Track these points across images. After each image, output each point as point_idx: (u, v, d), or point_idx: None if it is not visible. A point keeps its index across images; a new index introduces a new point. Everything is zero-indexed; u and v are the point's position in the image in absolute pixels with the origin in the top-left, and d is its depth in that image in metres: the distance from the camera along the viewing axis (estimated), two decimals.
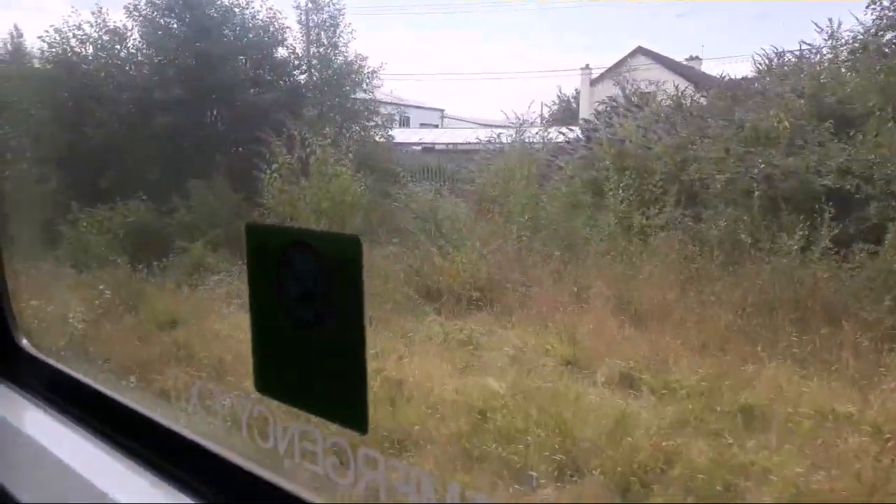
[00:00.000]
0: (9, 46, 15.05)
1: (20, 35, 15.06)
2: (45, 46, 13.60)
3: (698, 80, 13.21)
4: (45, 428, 1.77)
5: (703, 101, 11.03)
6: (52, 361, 1.99)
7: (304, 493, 1.25)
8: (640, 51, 17.83)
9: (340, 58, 14.78)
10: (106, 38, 13.98)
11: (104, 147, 13.08)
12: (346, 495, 1.32)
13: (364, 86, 14.72)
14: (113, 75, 13.96)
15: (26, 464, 1.74)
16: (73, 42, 13.67)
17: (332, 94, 14.73)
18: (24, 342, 2.08)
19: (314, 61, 14.85)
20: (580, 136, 12.20)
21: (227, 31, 14.07)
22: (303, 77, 14.96)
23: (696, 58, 17.31)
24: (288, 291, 1.11)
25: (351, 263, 1.06)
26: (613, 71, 18.53)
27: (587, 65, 20.91)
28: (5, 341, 2.06)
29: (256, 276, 1.17)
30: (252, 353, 1.24)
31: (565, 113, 24.24)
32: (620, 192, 9.01)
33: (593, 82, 20.49)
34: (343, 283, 1.05)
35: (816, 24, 9.32)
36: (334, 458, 1.30)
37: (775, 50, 10.60)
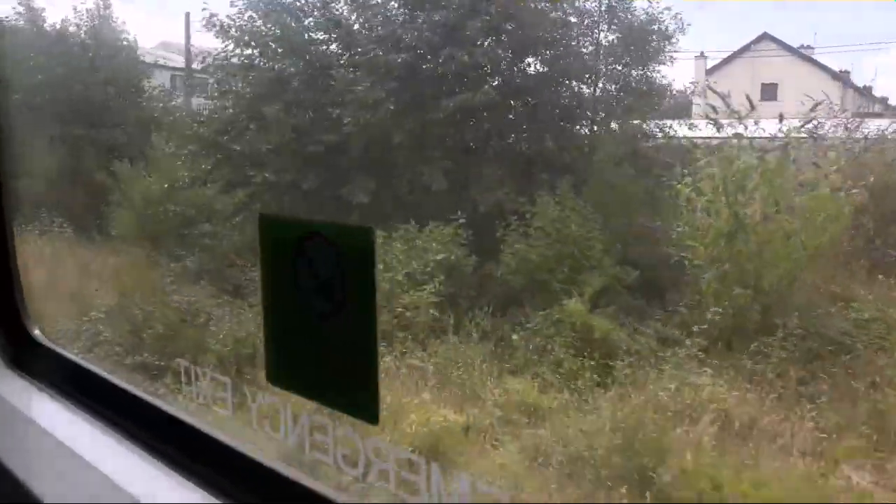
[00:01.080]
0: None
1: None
2: None
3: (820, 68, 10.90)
4: (57, 418, 1.79)
5: None
6: (64, 352, 2.01)
7: (330, 493, 1.25)
8: (766, 37, 15.50)
9: (632, 15, 9.69)
10: None
11: (352, 138, 8.42)
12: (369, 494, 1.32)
13: (658, 55, 9.68)
14: (375, 36, 8.85)
15: (39, 454, 1.76)
16: None
17: (620, 63, 9.78)
18: (37, 332, 2.10)
19: (586, 20, 10.01)
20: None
21: None
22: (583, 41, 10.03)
23: (809, 46, 14.76)
24: (301, 283, 1.12)
25: (364, 255, 1.07)
26: (737, 58, 16.50)
27: (702, 52, 18.02)
28: (18, 332, 2.09)
29: (270, 268, 1.19)
30: (264, 344, 1.25)
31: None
32: None
33: (710, 71, 18.15)
34: (356, 275, 1.06)
35: None
36: None
37: None
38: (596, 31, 9.87)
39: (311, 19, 9.32)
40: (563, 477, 4.19)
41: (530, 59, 9.43)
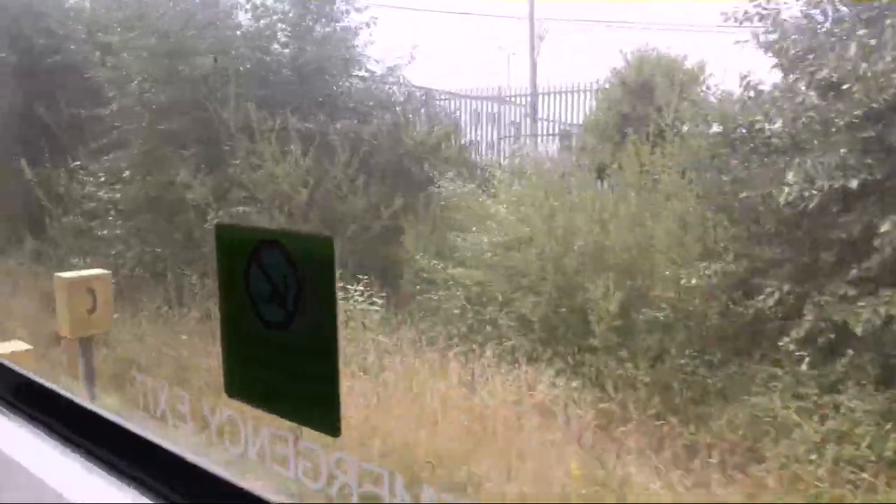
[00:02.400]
0: None
1: None
2: None
3: None
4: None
5: None
6: (3, 361, 1.94)
7: (265, 494, 1.25)
8: None
9: None
10: None
11: None
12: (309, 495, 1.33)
13: None
14: None
15: None
16: None
17: None
18: None
19: None
20: None
21: None
22: None
23: None
24: (258, 292, 1.11)
25: (323, 264, 1.06)
26: None
27: None
28: None
29: (226, 277, 1.17)
30: (222, 355, 1.24)
31: None
32: None
33: None
34: (313, 284, 1.05)
35: None
36: None
37: None
38: None
39: None
40: None
41: None
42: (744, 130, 5.41)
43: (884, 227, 4.32)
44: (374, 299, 5.06)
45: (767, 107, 5.35)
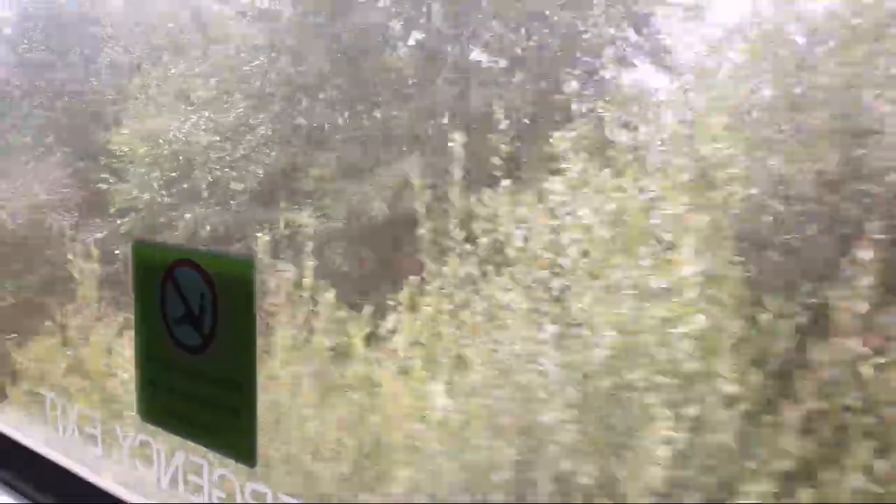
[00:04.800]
0: None
1: None
2: None
3: None
4: None
5: None
6: None
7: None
8: None
9: None
10: None
11: None
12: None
13: None
14: None
15: None
16: None
17: None
18: None
19: None
20: None
21: None
22: None
23: None
24: (173, 313, 1.08)
25: (243, 286, 1.04)
26: None
27: None
28: None
29: (142, 296, 1.14)
30: (135, 377, 1.20)
31: None
32: None
33: None
34: (231, 308, 1.03)
35: None
36: None
37: None
38: None
39: None
40: None
41: None
42: None
43: None
44: None
45: None
